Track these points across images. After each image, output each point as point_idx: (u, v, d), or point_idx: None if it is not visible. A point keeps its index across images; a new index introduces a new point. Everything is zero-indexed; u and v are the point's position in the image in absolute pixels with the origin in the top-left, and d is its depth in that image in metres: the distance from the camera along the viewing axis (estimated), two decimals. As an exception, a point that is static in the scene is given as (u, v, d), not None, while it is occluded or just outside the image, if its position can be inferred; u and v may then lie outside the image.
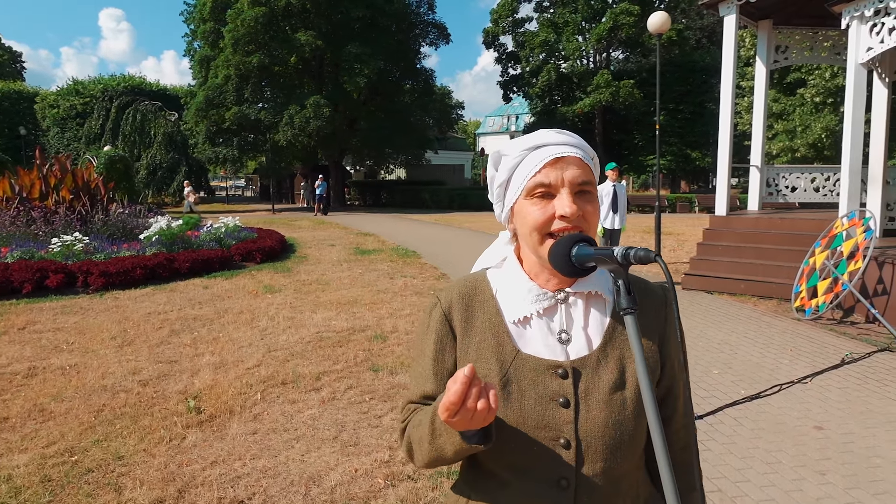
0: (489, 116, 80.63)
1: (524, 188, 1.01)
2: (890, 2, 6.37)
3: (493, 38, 37.76)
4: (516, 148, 1.03)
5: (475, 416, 0.85)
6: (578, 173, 0.99)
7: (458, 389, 0.83)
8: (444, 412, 0.85)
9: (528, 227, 1.00)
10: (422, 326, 1.14)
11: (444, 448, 0.96)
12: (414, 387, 1.12)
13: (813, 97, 18.41)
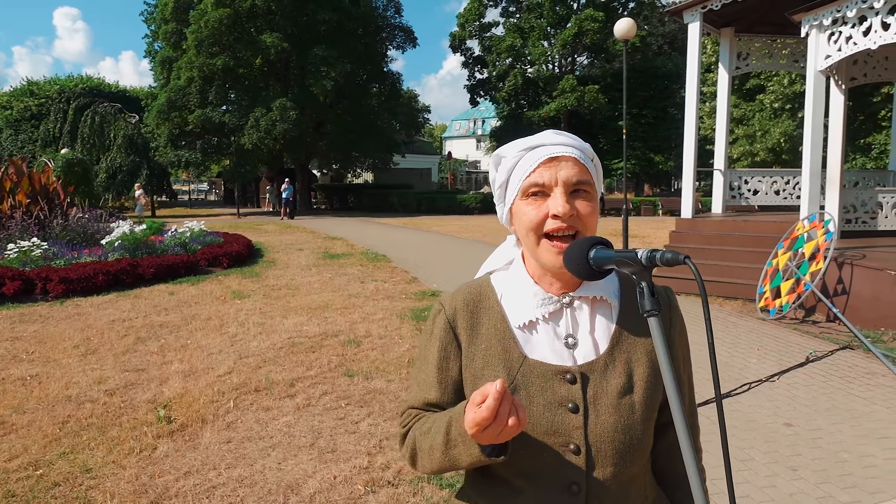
0: (455, 120, 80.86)
1: (520, 189, 1.01)
2: (847, 12, 6.60)
3: (460, 43, 37.93)
4: (514, 149, 1.03)
5: (504, 432, 0.85)
6: (573, 173, 0.99)
7: (491, 405, 0.83)
8: (474, 427, 0.85)
9: (524, 227, 1.00)
10: (425, 333, 1.13)
11: (459, 459, 0.95)
12: (416, 392, 1.11)
13: (772, 103, 18.99)
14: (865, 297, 6.59)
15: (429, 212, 30.57)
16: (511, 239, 1.14)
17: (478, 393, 0.86)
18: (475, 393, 0.87)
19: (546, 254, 0.99)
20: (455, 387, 1.07)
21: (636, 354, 1.03)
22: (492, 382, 0.85)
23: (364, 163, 34.25)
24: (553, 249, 0.98)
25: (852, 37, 6.69)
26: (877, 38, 6.36)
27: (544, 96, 35.64)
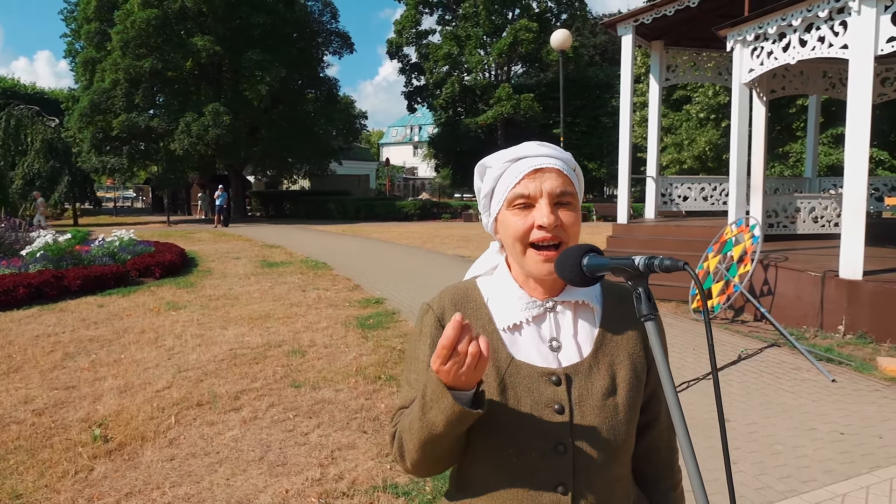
0: (392, 126, 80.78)
1: (505, 199, 1.03)
2: (768, 28, 7.01)
3: (397, 49, 37.95)
4: (499, 160, 1.05)
5: (468, 365, 0.86)
6: (557, 184, 1.01)
7: (449, 334, 0.85)
8: (436, 359, 0.87)
9: (510, 237, 1.02)
10: (414, 333, 1.13)
11: (435, 421, 0.92)
12: (406, 392, 1.10)
13: (697, 113, 19.92)
14: (789, 296, 6.99)
15: (368, 218, 30.37)
16: (494, 245, 1.16)
17: (443, 337, 0.86)
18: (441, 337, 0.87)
19: (532, 263, 1.01)
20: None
21: (619, 357, 1.06)
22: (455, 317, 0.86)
23: (301, 169, 33.71)
24: (539, 258, 1.00)
25: (773, 52, 7.10)
26: (795, 54, 6.78)
27: (481, 104, 36.09)
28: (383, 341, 6.36)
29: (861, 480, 3.30)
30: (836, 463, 3.50)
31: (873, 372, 5.17)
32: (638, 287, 0.87)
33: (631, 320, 1.10)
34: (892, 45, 5.81)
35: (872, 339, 6.01)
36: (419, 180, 64.08)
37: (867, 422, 4.11)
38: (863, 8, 5.84)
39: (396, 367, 5.42)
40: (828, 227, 9.61)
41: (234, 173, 32.59)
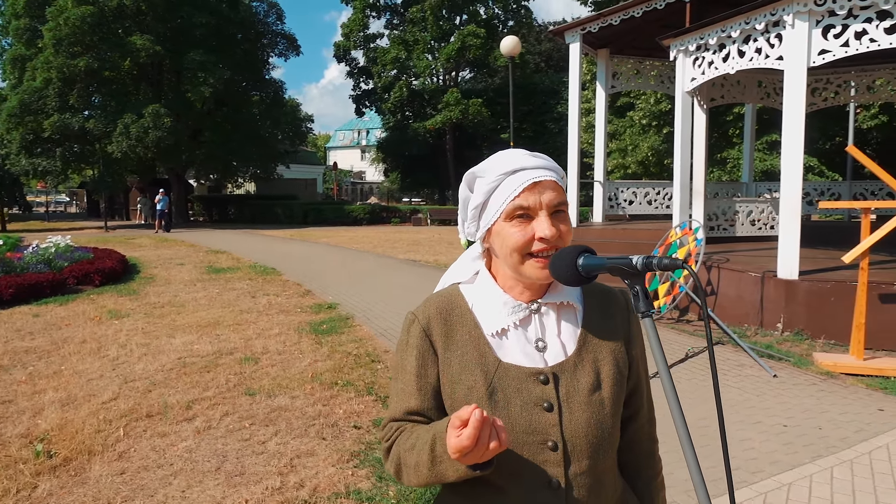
0: (339, 130, 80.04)
1: (503, 211, 1.04)
2: (709, 39, 7.30)
3: (344, 53, 37.70)
4: (493, 171, 1.06)
5: (486, 455, 0.89)
6: (554, 196, 1.04)
7: (471, 434, 0.86)
8: (456, 453, 0.88)
9: (508, 248, 1.04)
10: (400, 344, 1.14)
11: (446, 474, 0.97)
12: (396, 404, 1.12)
13: (640, 119, 20.55)
14: (731, 296, 7.28)
15: (316, 223, 29.98)
16: (471, 253, 1.18)
17: (456, 417, 0.89)
18: (453, 417, 0.90)
19: (532, 270, 1.03)
20: (435, 393, 1.10)
21: (602, 354, 1.10)
22: (468, 406, 0.88)
23: (246, 173, 32.96)
24: (538, 265, 1.03)
25: (714, 62, 7.40)
26: (734, 64, 7.09)
27: (430, 108, 36.21)
28: (338, 346, 6.29)
29: (804, 470, 3.47)
30: (781, 454, 3.67)
31: (810, 367, 5.44)
32: (635, 285, 0.91)
33: (611, 318, 1.14)
34: (824, 58, 6.15)
35: (808, 335, 6.33)
36: (367, 184, 63.68)
37: (807, 414, 4.33)
38: (796, 22, 6.16)
39: (353, 373, 5.38)
40: (764, 230, 10.07)
41: (176, 177, 31.61)
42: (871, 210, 5.42)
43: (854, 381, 5.08)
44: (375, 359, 5.85)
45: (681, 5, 8.54)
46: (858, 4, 5.88)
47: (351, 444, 3.87)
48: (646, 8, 8.98)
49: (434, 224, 29.89)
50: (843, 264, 5.65)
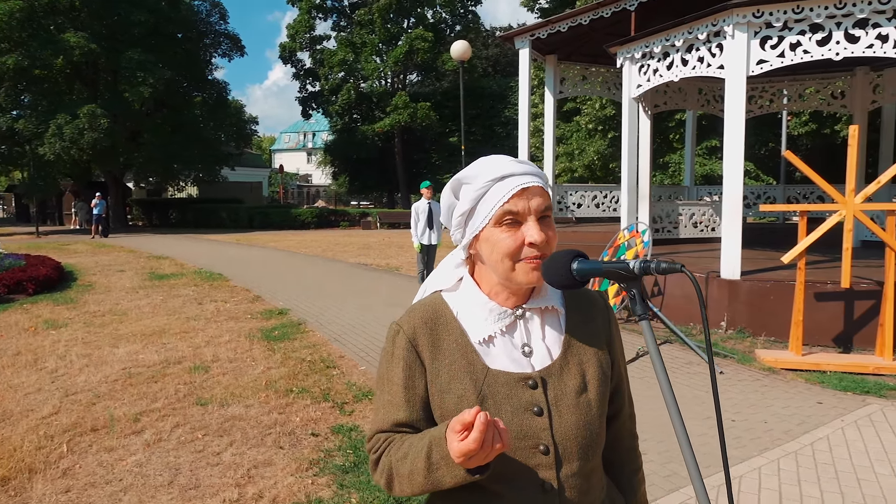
0: (285, 132, 78.77)
1: (493, 217, 1.04)
2: (654, 48, 7.53)
3: (290, 54, 37.14)
4: (481, 178, 1.06)
5: (489, 457, 0.90)
6: (542, 202, 1.05)
7: (477, 437, 0.87)
8: (461, 457, 0.89)
9: (499, 253, 1.04)
10: (385, 355, 1.13)
11: (443, 481, 0.98)
12: (383, 415, 1.11)
13: (587, 124, 21.02)
14: (677, 296, 7.52)
15: (262, 227, 29.38)
16: (453, 259, 1.17)
17: (456, 421, 0.90)
18: (453, 421, 0.90)
19: (523, 275, 1.04)
20: (423, 404, 1.09)
21: (586, 356, 1.12)
22: (469, 410, 0.89)
23: (188, 176, 31.99)
24: (528, 267, 1.04)
25: (658, 70, 7.64)
26: (678, 72, 7.33)
27: (378, 111, 36.06)
28: (291, 353, 6.18)
29: (753, 462, 3.61)
30: (731, 448, 3.81)
31: (753, 363, 5.67)
32: (632, 289, 0.92)
33: (593, 320, 1.16)
34: (762, 67, 6.43)
35: (750, 333, 6.60)
36: (314, 187, 62.87)
37: (753, 409, 4.51)
38: (736, 33, 6.42)
39: (308, 379, 5.29)
40: (706, 232, 10.45)
41: (113, 180, 30.41)
42: (806, 212, 5.69)
43: (794, 376, 5.32)
44: (330, 364, 5.77)
45: (626, 14, 8.77)
46: (793, 17, 6.19)
47: (309, 453, 3.81)
48: (593, 16, 9.20)
49: (384, 227, 29.76)
50: (782, 264, 5.92)
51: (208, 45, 32.61)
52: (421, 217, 8.99)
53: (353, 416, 4.46)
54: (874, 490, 3.26)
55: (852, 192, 5.50)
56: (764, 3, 6.29)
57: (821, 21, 6.09)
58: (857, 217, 5.42)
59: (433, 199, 9.20)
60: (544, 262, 1.02)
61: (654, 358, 0.90)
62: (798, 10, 6.15)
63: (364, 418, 4.41)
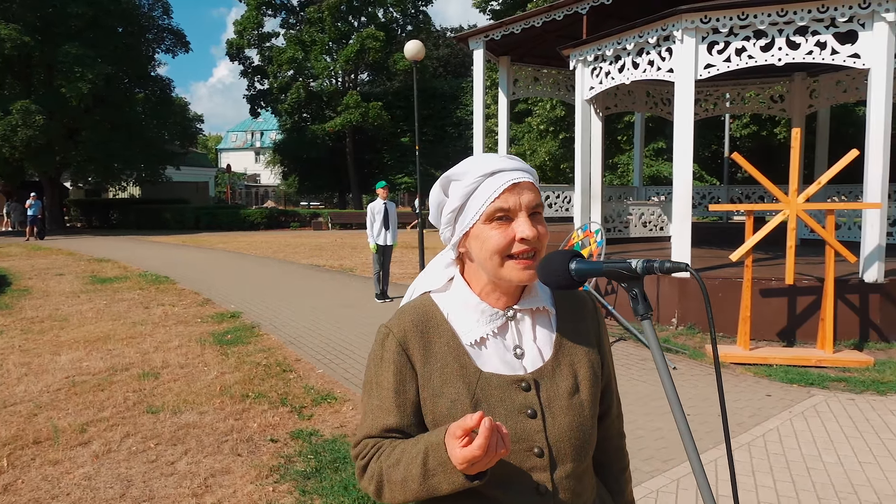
0: (232, 131, 76.99)
1: (483, 213, 1.02)
2: (606, 51, 7.68)
3: (238, 51, 36.30)
4: (471, 174, 1.04)
5: (492, 462, 0.89)
6: (533, 197, 1.04)
7: (482, 444, 0.86)
8: (464, 463, 0.88)
9: (489, 250, 1.02)
10: (374, 359, 1.10)
11: (439, 487, 0.96)
12: (371, 420, 1.08)
13: (538, 125, 21.30)
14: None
15: (209, 228, 28.60)
16: (443, 259, 1.15)
17: (457, 426, 0.89)
18: (454, 426, 0.90)
19: (513, 272, 1.02)
20: (414, 409, 1.07)
21: (577, 356, 1.11)
22: (471, 415, 0.88)
23: (130, 175, 30.85)
24: (519, 266, 1.02)
25: (610, 72, 7.79)
26: (629, 75, 7.49)
27: (328, 111, 35.64)
28: (246, 357, 6.02)
29: (709, 455, 3.71)
30: (687, 441, 3.90)
31: (704, 358, 5.84)
32: (633, 289, 0.92)
33: (583, 321, 1.15)
34: (709, 71, 6.63)
35: (700, 329, 6.80)
36: (263, 188, 61.68)
37: (707, 402, 4.64)
38: (685, 37, 6.61)
39: (264, 384, 5.16)
40: (655, 231, 10.73)
41: (49, 180, 29.03)
42: (753, 212, 5.90)
43: (742, 370, 5.50)
44: (287, 368, 5.65)
45: (578, 17, 8.91)
46: (738, 24, 6.40)
47: (269, 459, 3.71)
48: (545, 18, 9.30)
49: (335, 228, 29.42)
50: (729, 262, 6.11)
51: (151, 40, 31.55)
52: (377, 217, 8.91)
53: (313, 420, 4.38)
54: (822, 478, 3.40)
55: (795, 192, 5.73)
56: (711, 9, 6.50)
57: (764, 28, 6.32)
58: (800, 216, 5.65)
59: (389, 200, 9.14)
60: (540, 263, 1.01)
61: (657, 357, 0.89)
62: (743, 17, 6.38)
63: (323, 422, 4.33)
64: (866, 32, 6.08)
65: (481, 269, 1.06)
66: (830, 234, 5.60)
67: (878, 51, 6.03)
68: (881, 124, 6.14)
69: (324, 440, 3.99)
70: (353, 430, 4.17)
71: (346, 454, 3.73)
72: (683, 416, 0.87)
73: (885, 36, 5.99)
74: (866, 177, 6.27)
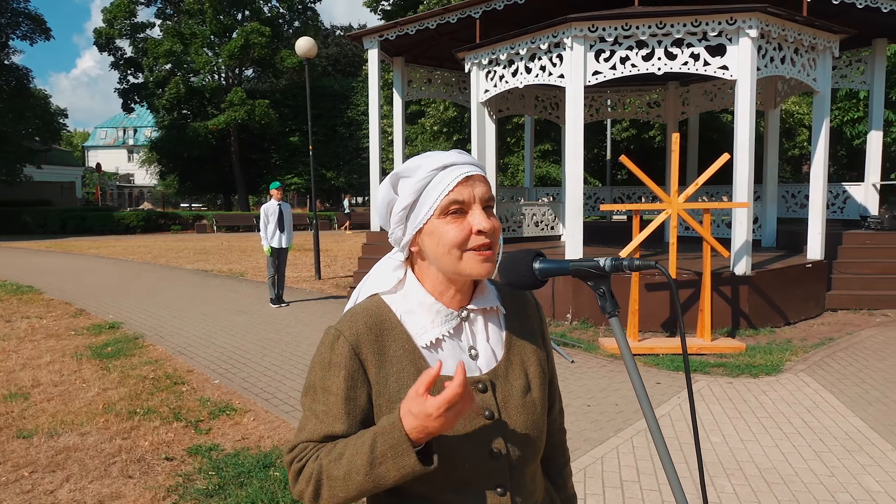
0: (101, 128, 71.50)
1: (438, 207, 1.00)
2: (500, 55, 7.87)
3: (107, 41, 33.69)
4: (423, 169, 1.01)
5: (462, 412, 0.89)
6: (486, 189, 1.02)
7: (462, 380, 0.86)
8: (444, 406, 0.86)
9: (446, 245, 1.00)
10: (322, 362, 1.03)
11: (387, 475, 0.92)
12: (314, 426, 1.02)
13: (432, 126, 21.46)
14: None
15: (78, 232, 26.34)
16: (392, 261, 1.11)
17: (419, 384, 0.89)
18: (417, 384, 0.89)
19: (473, 265, 1.00)
20: (363, 416, 1.02)
21: (526, 355, 1.11)
22: (429, 368, 0.89)
23: (-18, 175, 27.77)
24: (479, 258, 1.00)
25: (504, 76, 7.99)
26: (523, 79, 7.72)
27: (211, 108, 33.95)
28: (130, 371, 5.59)
29: (611, 443, 3.89)
30: (590, 431, 4.07)
31: (598, 351, 6.14)
32: (601, 287, 0.92)
33: (528, 319, 1.16)
34: (597, 78, 6.98)
35: (593, 323, 7.14)
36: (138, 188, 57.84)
37: (604, 393, 4.87)
38: (574, 45, 6.91)
39: (154, 399, 4.81)
40: (547, 230, 11.15)
41: None
42: (639, 211, 6.27)
43: (633, 360, 5.83)
44: (178, 381, 5.30)
45: (472, 21, 9.07)
46: (622, 34, 6.79)
47: (165, 479, 3.45)
48: (440, 21, 9.38)
49: (221, 231, 28.07)
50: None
51: (4, 25, 28.55)
52: (271, 219, 8.59)
53: (211, 434, 4.13)
54: (711, 457, 3.66)
55: (675, 192, 6.16)
56: (598, 19, 6.84)
57: (645, 38, 6.75)
58: (681, 215, 6.07)
59: (283, 200, 8.84)
60: (502, 263, 1.00)
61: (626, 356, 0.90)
62: (627, 28, 6.77)
63: (223, 436, 4.10)
64: (733, 46, 6.66)
65: (438, 265, 1.03)
66: (707, 231, 6.06)
67: (744, 63, 6.62)
68: (747, 131, 6.74)
69: (225, 454, 3.78)
70: (256, 443, 3.98)
71: (250, 468, 3.55)
72: (652, 413, 0.88)
73: (749, 50, 6.58)
74: (735, 179, 6.86)
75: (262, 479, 3.42)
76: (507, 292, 1.17)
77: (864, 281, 8.26)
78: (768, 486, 3.30)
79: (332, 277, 11.84)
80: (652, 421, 0.88)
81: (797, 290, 7.47)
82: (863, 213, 10.04)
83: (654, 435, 0.89)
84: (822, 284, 7.98)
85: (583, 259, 0.93)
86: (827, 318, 7.68)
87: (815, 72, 7.46)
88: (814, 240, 7.88)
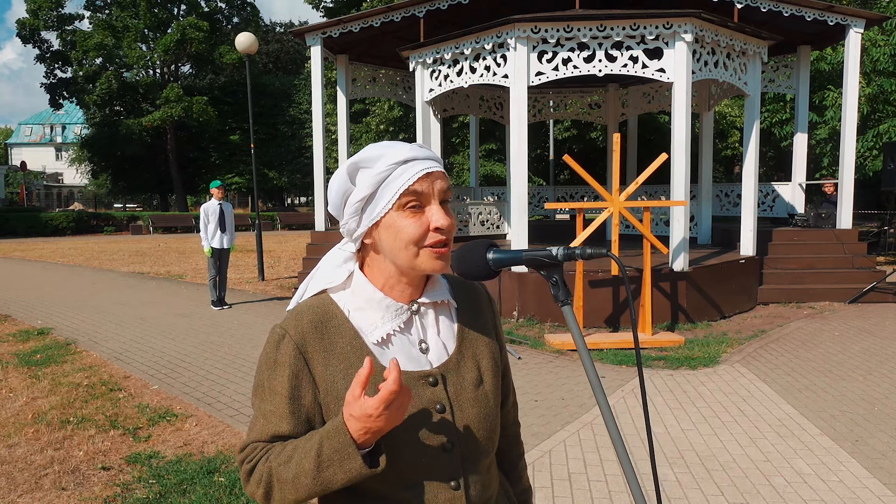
0: (25, 124, 67.96)
1: (396, 201, 0.99)
2: (445, 54, 7.89)
3: (32, 32, 32.00)
4: (384, 161, 1.00)
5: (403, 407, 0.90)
6: (444, 186, 1.02)
7: (396, 377, 0.86)
8: (381, 405, 0.87)
9: (403, 240, 0.99)
10: (267, 362, 1.02)
11: (334, 479, 0.92)
12: (262, 426, 1.01)
13: (377, 125, 21.32)
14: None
15: (1, 234, 24.88)
16: (340, 255, 1.09)
17: (354, 385, 0.89)
18: (352, 388, 0.89)
19: (429, 261, 0.99)
20: (309, 416, 1.01)
21: (479, 348, 1.11)
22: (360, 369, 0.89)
23: None
24: (435, 255, 0.99)
25: (449, 75, 8.01)
26: (467, 79, 7.77)
27: (146, 104, 32.74)
28: (62, 378, 5.32)
29: (558, 437, 3.96)
30: (538, 426, 4.13)
31: (544, 347, 6.23)
32: (553, 276, 0.93)
33: (481, 312, 1.16)
34: (540, 79, 7.09)
35: (538, 320, 7.25)
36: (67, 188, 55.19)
37: (550, 388, 4.95)
38: (518, 46, 7.00)
39: (88, 407, 4.60)
40: (492, 229, 11.23)
41: None
42: (583, 210, 6.41)
43: (578, 356, 5.95)
44: (114, 387, 5.09)
45: (416, 20, 9.06)
46: (564, 36, 6.92)
47: (102, 490, 3.31)
48: (384, 19, 9.33)
49: (158, 232, 27.09)
50: (564, 256, 6.58)
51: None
52: (212, 219, 8.34)
53: (151, 441, 3.98)
54: (654, 447, 3.77)
55: (617, 191, 6.32)
56: (541, 20, 6.95)
57: (587, 41, 6.90)
58: (622, 213, 6.24)
59: (224, 200, 8.61)
60: (457, 254, 1.00)
61: (580, 345, 0.92)
62: (568, 30, 6.90)
63: (164, 443, 3.96)
64: (670, 50, 6.89)
65: (392, 259, 1.02)
66: (647, 228, 6.25)
67: (680, 66, 6.85)
68: (683, 131, 6.99)
69: (166, 462, 3.65)
70: (199, 448, 3.86)
71: (193, 474, 3.44)
72: (608, 406, 0.90)
73: (685, 54, 6.82)
74: (672, 178, 7.10)
75: (207, 485, 3.32)
76: (459, 285, 1.17)
77: (792, 276, 8.69)
78: (708, 472, 3.43)
79: (276, 278, 11.61)
80: (604, 405, 0.90)
81: (732, 285, 7.80)
82: (791, 211, 10.57)
83: (606, 419, 0.90)
84: (754, 279, 8.36)
85: (536, 248, 0.94)
86: (759, 311, 8.04)
87: (745, 76, 7.79)
88: (746, 237, 8.23)
